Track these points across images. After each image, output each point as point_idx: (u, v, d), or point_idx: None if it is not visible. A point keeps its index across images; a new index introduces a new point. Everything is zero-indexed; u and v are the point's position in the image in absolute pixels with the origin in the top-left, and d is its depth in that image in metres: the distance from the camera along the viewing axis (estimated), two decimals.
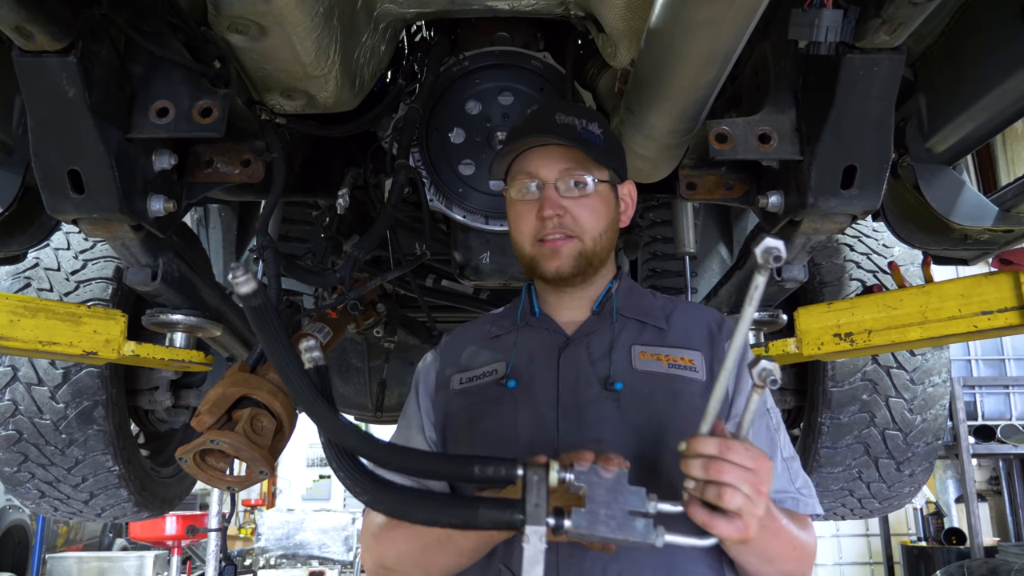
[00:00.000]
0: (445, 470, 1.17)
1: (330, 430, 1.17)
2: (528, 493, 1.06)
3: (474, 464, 1.11)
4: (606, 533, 1.05)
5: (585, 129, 1.47)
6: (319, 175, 2.54)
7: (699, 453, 1.10)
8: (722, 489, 1.07)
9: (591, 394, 1.41)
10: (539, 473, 1.07)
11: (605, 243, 1.50)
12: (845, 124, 1.52)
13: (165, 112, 1.56)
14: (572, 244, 1.46)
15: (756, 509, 1.09)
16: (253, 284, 1.11)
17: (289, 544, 11.81)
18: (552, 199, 1.45)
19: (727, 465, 1.08)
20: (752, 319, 1.06)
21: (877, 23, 1.32)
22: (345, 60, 1.71)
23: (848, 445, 2.99)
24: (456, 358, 1.60)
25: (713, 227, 3.49)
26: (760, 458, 1.11)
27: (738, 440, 1.11)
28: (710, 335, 1.50)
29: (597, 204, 1.48)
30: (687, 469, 1.11)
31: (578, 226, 1.46)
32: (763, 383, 1.04)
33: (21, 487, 3.02)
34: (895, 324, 2.19)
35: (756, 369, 1.04)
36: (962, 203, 1.87)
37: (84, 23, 1.36)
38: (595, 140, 1.48)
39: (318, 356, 1.17)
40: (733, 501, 1.07)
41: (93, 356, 2.22)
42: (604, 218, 1.49)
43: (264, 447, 1.63)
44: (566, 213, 1.45)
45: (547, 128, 1.47)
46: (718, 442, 1.09)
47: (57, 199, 1.54)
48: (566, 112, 1.50)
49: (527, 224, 1.48)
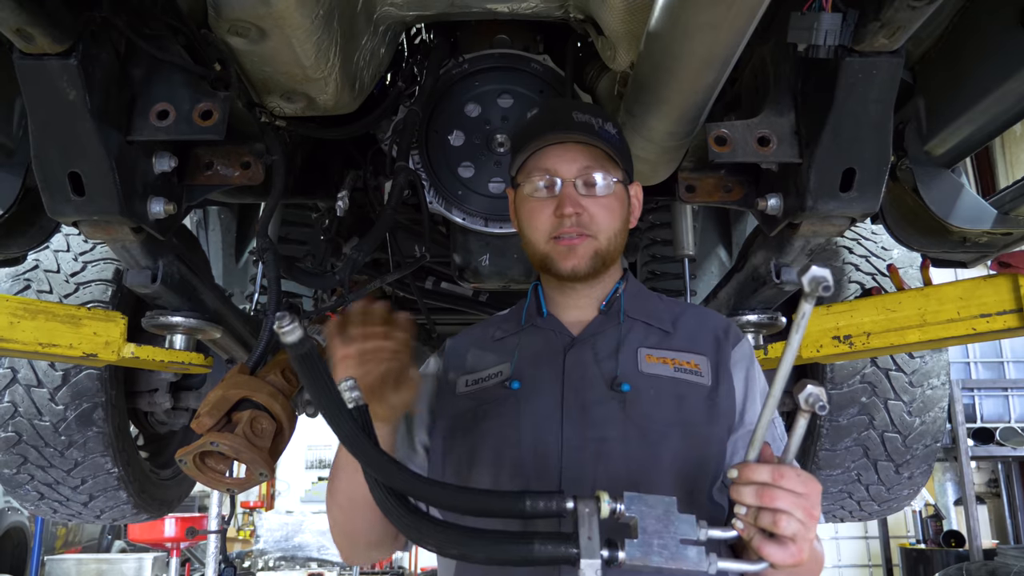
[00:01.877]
0: (496, 506, 1.16)
1: (380, 472, 1.16)
2: (580, 527, 1.05)
3: (525, 499, 1.10)
4: (660, 563, 1.05)
5: (602, 128, 1.47)
6: (319, 177, 2.54)
7: (751, 480, 1.09)
8: (777, 516, 1.07)
9: (596, 394, 1.41)
10: (590, 506, 1.06)
11: (618, 243, 1.50)
12: (844, 127, 1.52)
13: (165, 115, 1.56)
14: (588, 243, 1.46)
15: (809, 534, 1.09)
16: (299, 332, 1.11)
17: (288, 546, 11.81)
18: (572, 196, 1.45)
19: (780, 492, 1.07)
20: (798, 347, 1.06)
21: (876, 27, 1.32)
22: (345, 63, 1.71)
23: (847, 447, 3.00)
24: (460, 362, 1.60)
25: (712, 229, 3.50)
26: (810, 482, 1.10)
27: (786, 465, 1.10)
28: (716, 340, 1.50)
29: (613, 203, 1.48)
30: (739, 496, 1.10)
31: (595, 224, 1.46)
32: (810, 408, 1.04)
33: (20, 489, 3.03)
34: (894, 327, 2.20)
35: (803, 394, 1.04)
36: (961, 206, 1.88)
37: (85, 26, 1.36)
38: (612, 139, 1.48)
39: (358, 396, 1.17)
40: (789, 528, 1.07)
41: (93, 358, 2.22)
42: (619, 218, 1.49)
43: (264, 449, 1.63)
44: (584, 211, 1.45)
45: (567, 125, 1.47)
46: (770, 469, 1.08)
47: (58, 201, 1.54)
48: (582, 110, 1.50)
49: (542, 221, 1.47)
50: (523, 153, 1.51)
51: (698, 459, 1.39)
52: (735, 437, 1.42)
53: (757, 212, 1.85)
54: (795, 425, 1.09)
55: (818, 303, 1.02)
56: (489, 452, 1.44)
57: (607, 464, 1.35)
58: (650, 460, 1.36)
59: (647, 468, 1.35)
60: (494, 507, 1.15)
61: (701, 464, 1.39)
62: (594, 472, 1.35)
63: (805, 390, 1.04)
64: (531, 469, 1.39)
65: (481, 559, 1.10)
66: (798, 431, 1.09)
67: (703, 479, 1.38)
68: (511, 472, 1.40)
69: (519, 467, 1.40)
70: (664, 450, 1.37)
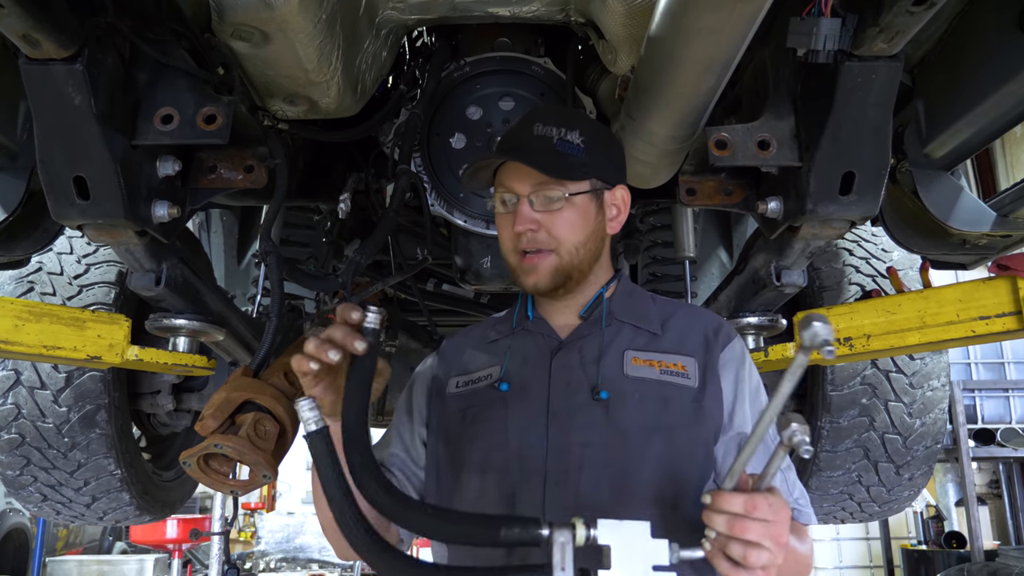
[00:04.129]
0: (470, 531, 1.16)
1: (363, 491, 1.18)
2: (554, 556, 1.06)
3: (500, 526, 1.11)
4: None
5: (562, 140, 1.45)
6: (321, 180, 2.55)
7: (723, 510, 1.10)
8: (747, 549, 1.08)
9: (581, 399, 1.42)
10: (565, 535, 1.07)
11: (585, 255, 1.49)
12: (844, 131, 1.53)
13: (170, 119, 1.57)
14: (549, 259, 1.46)
15: (777, 559, 1.10)
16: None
17: (289, 547, 11.82)
18: (524, 214, 1.45)
19: (751, 523, 1.08)
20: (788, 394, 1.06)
21: (875, 31, 1.33)
22: (347, 66, 1.72)
23: (848, 449, 3.00)
24: (455, 362, 1.62)
25: (713, 232, 3.51)
26: (782, 509, 1.11)
27: (760, 493, 1.10)
28: (706, 341, 1.50)
29: (573, 216, 1.46)
30: (711, 522, 1.11)
31: (553, 239, 1.45)
32: (792, 447, 1.04)
33: (23, 490, 3.03)
34: (894, 329, 2.20)
35: (786, 432, 1.03)
36: (960, 208, 1.88)
37: (90, 31, 1.37)
38: (572, 151, 1.45)
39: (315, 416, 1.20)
40: (759, 560, 1.08)
41: (97, 360, 2.23)
42: (582, 230, 1.47)
43: (267, 451, 1.64)
44: (540, 228, 1.45)
45: (519, 144, 1.48)
46: (743, 500, 1.09)
47: (62, 205, 1.55)
48: (545, 122, 1.48)
49: (507, 236, 1.50)
50: (487, 170, 1.54)
51: (683, 462, 1.39)
52: (725, 439, 1.42)
53: (757, 215, 1.86)
54: (773, 457, 1.09)
55: None
56: (477, 454, 1.46)
57: (590, 470, 1.36)
58: (632, 465, 1.36)
59: (629, 473, 1.36)
60: (471, 534, 1.16)
61: (685, 468, 1.39)
62: (577, 477, 1.36)
63: (790, 427, 1.03)
64: (517, 473, 1.40)
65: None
66: (775, 462, 1.09)
67: (687, 483, 1.38)
68: (498, 476, 1.42)
69: (505, 470, 1.41)
70: (647, 455, 1.37)
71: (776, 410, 1.07)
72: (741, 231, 3.43)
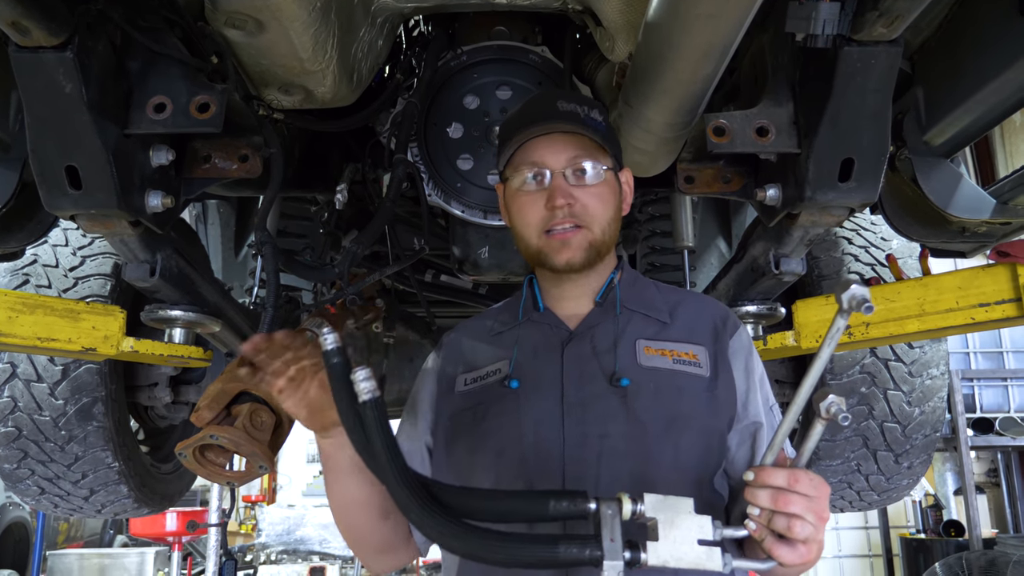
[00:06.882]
0: (519, 507, 1.16)
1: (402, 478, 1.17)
2: (603, 528, 1.06)
3: (548, 500, 1.11)
4: (679, 564, 1.07)
5: (588, 116, 1.45)
6: (317, 170, 2.54)
7: (768, 484, 1.11)
8: (791, 521, 1.09)
9: (596, 389, 1.40)
10: (612, 507, 1.08)
11: (612, 232, 1.48)
12: (843, 117, 1.51)
13: (162, 108, 1.55)
14: (582, 234, 1.44)
15: (819, 535, 1.11)
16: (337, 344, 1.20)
17: (290, 540, 11.82)
18: (562, 188, 1.43)
19: (794, 496, 1.09)
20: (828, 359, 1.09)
21: (874, 16, 1.32)
22: (343, 55, 1.70)
23: (846, 437, 3.00)
24: (458, 357, 1.59)
25: (712, 221, 3.49)
26: (821, 486, 1.12)
27: (800, 469, 1.12)
28: (715, 330, 1.49)
29: (605, 192, 1.46)
30: (754, 499, 1.11)
31: (588, 215, 1.43)
32: (830, 417, 1.06)
33: (21, 484, 3.03)
34: (893, 317, 2.20)
35: (824, 403, 1.06)
36: (960, 196, 1.87)
37: (81, 18, 1.35)
38: (599, 127, 1.46)
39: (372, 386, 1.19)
40: (803, 531, 1.09)
41: (92, 352, 2.22)
42: (612, 206, 1.48)
43: (264, 442, 1.62)
44: (576, 202, 1.42)
45: (552, 116, 1.45)
46: (786, 473, 1.10)
47: (55, 195, 1.53)
48: (567, 99, 1.48)
49: (533, 215, 1.45)
50: (510, 147, 1.49)
51: (700, 452, 1.38)
52: (739, 427, 1.42)
53: (756, 203, 1.84)
54: (811, 431, 1.10)
55: None
56: (490, 452, 1.43)
57: (610, 460, 1.35)
58: (652, 455, 1.35)
59: (650, 463, 1.34)
60: (520, 510, 1.16)
61: (703, 456, 1.38)
62: (597, 469, 1.34)
63: (828, 399, 1.05)
64: (533, 468, 1.37)
65: (506, 561, 1.10)
66: (814, 436, 1.11)
67: (706, 471, 1.38)
68: (514, 472, 1.39)
69: (522, 467, 1.38)
70: (666, 444, 1.36)
71: (816, 376, 1.09)
72: (740, 220, 3.42)
